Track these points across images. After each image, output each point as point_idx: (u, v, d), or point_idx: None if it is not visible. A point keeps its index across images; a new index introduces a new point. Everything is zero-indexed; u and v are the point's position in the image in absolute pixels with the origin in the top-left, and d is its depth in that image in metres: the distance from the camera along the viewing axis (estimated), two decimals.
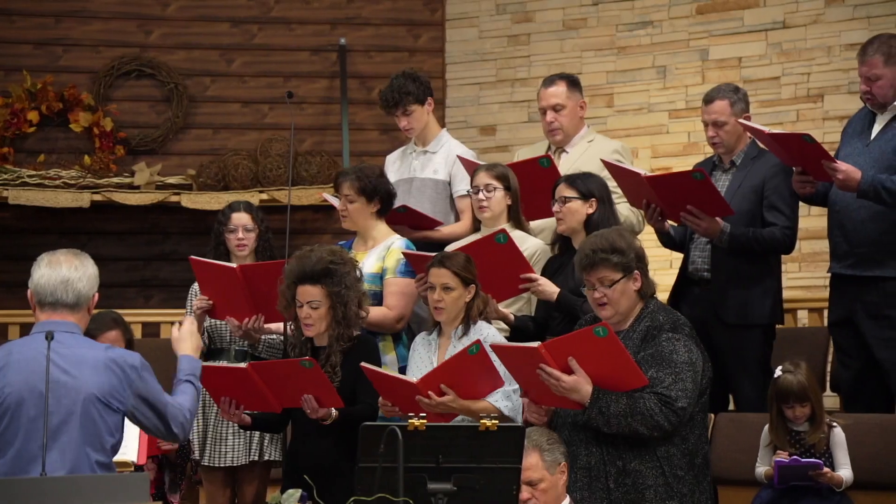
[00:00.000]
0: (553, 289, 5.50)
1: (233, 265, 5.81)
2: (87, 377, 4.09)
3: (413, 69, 6.69)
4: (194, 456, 5.90)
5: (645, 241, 5.37)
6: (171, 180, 8.47)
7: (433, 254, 5.53)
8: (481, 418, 4.19)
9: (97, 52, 8.62)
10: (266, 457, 5.94)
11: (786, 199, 5.78)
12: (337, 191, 5.94)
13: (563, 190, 5.60)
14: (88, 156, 8.40)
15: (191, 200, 8.30)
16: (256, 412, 5.30)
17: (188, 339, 4.53)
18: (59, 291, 4.17)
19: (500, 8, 8.73)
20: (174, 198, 8.32)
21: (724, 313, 5.75)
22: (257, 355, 5.90)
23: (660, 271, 5.80)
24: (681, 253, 6.01)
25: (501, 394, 5.13)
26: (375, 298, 5.73)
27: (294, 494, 4.32)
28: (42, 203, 8.20)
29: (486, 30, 8.77)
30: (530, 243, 5.72)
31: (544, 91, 6.28)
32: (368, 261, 5.79)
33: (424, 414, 4.12)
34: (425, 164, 6.43)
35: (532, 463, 4.60)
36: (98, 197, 8.24)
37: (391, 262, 5.75)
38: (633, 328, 4.90)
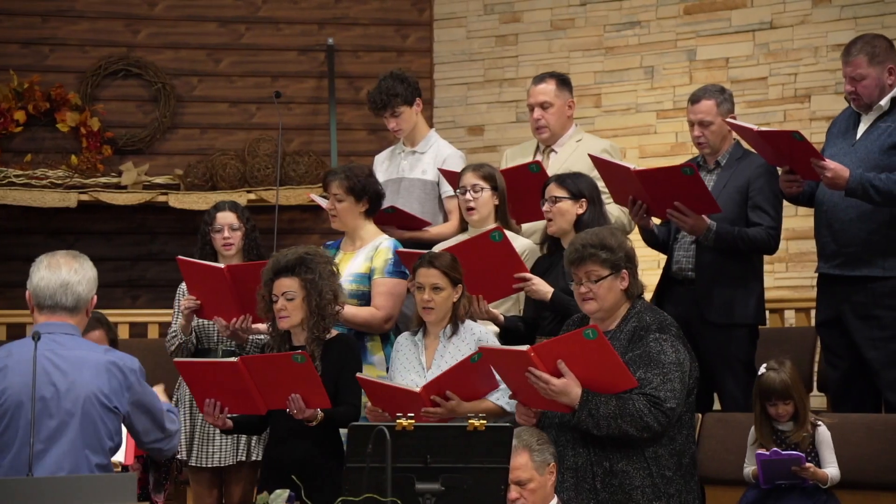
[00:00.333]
0: (547, 288, 5.48)
1: (220, 265, 5.80)
2: (88, 379, 4.07)
3: (401, 69, 6.69)
4: (180, 456, 5.89)
5: (634, 241, 5.36)
6: (159, 180, 8.45)
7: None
8: (477, 418, 4.19)
9: (84, 52, 8.59)
10: (253, 457, 5.92)
11: (770, 200, 5.80)
12: (325, 190, 5.93)
13: (554, 190, 5.59)
14: (75, 155, 8.37)
15: (178, 200, 8.28)
16: (238, 415, 5.26)
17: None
18: (59, 295, 4.14)
19: (488, 8, 8.73)
20: (161, 198, 8.30)
21: (710, 313, 5.75)
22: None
23: (648, 271, 5.79)
24: (664, 253, 6.01)
25: (503, 391, 5.14)
26: (363, 299, 5.73)
27: (282, 495, 4.30)
28: (29, 203, 8.16)
29: (474, 30, 8.76)
30: (519, 243, 5.71)
31: (534, 88, 6.30)
32: (356, 261, 5.78)
33: (412, 414, 4.11)
34: (414, 165, 6.43)
35: (521, 463, 4.60)
36: (85, 197, 8.22)
37: (379, 263, 5.74)
38: (620, 328, 4.90)
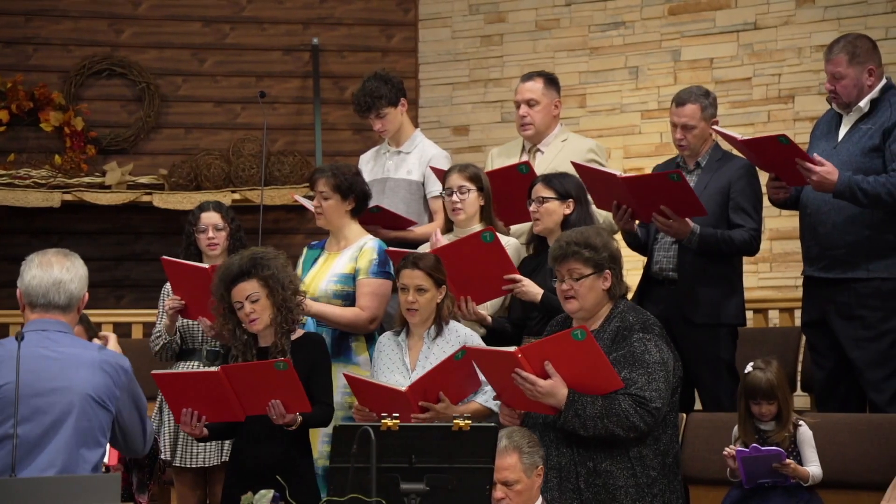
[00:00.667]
0: (537, 290, 5.47)
1: (205, 265, 5.79)
2: (83, 377, 4.06)
3: (386, 70, 6.69)
4: (163, 456, 5.88)
5: (619, 243, 5.36)
6: (143, 180, 8.43)
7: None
8: (462, 418, 4.19)
9: (68, 51, 8.56)
10: None
11: (751, 201, 5.82)
12: (312, 188, 5.91)
13: (540, 190, 5.58)
14: (59, 155, 8.35)
15: (163, 200, 8.26)
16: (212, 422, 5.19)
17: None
18: (52, 293, 4.13)
19: (473, 8, 8.73)
20: (146, 198, 8.28)
21: (692, 313, 5.76)
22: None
23: (633, 272, 5.80)
24: (644, 255, 6.02)
25: (489, 392, 5.14)
26: (348, 299, 5.72)
27: (266, 495, 4.30)
28: (12, 203, 8.14)
29: (459, 30, 8.76)
30: (504, 242, 5.71)
31: (521, 85, 6.31)
32: (341, 261, 5.77)
33: (397, 414, 4.11)
34: (399, 165, 6.43)
35: (510, 464, 4.59)
36: (69, 197, 8.19)
37: (364, 263, 5.74)
38: (603, 328, 4.91)
